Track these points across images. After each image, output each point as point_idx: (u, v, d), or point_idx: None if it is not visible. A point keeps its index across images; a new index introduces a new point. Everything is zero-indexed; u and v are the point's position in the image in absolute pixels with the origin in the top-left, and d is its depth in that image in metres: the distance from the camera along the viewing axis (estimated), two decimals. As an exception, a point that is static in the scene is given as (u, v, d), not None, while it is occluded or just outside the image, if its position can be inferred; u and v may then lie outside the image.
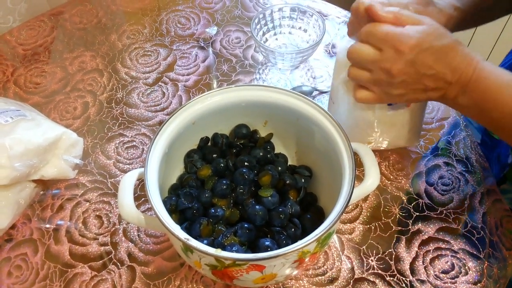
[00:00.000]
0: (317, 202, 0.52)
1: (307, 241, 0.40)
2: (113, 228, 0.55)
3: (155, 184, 0.45)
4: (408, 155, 0.61)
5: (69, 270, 0.52)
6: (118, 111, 0.67)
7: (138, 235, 0.54)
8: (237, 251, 0.44)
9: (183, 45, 0.76)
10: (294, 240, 0.46)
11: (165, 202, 0.47)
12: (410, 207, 0.56)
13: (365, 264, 0.51)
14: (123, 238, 0.54)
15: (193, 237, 0.41)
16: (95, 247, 0.53)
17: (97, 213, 0.56)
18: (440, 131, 0.63)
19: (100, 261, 0.52)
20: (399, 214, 0.55)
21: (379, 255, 0.52)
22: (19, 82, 0.71)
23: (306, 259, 0.44)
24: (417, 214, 0.55)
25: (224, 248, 0.44)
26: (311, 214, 0.50)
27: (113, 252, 0.53)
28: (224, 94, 0.51)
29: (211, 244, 0.46)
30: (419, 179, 0.58)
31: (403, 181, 0.58)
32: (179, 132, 0.50)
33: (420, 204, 0.56)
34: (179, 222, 0.49)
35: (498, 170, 0.62)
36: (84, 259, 0.52)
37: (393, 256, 0.52)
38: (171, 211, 0.48)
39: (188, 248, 0.43)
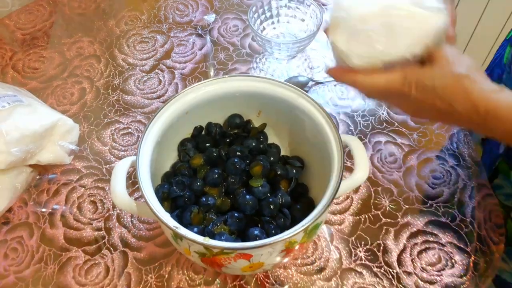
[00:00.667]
0: (308, 193, 0.53)
1: (294, 231, 0.41)
2: (107, 214, 0.56)
3: (146, 172, 0.46)
4: (401, 148, 0.61)
5: (63, 253, 0.53)
6: (115, 97, 0.67)
7: (131, 221, 0.55)
8: (225, 240, 0.45)
9: (181, 32, 0.76)
10: (283, 230, 0.47)
11: (157, 189, 0.48)
12: (401, 199, 0.56)
13: (353, 255, 0.52)
14: (117, 224, 0.55)
15: (184, 225, 0.42)
16: (89, 231, 0.55)
17: (92, 199, 0.57)
18: (434, 125, 0.63)
19: (94, 246, 0.53)
20: (389, 206, 0.56)
21: (367, 246, 0.53)
22: (18, 67, 0.71)
23: (294, 249, 0.45)
24: (407, 206, 0.56)
25: (213, 236, 0.45)
26: (301, 204, 0.51)
27: (107, 237, 0.54)
28: (218, 84, 0.51)
29: (201, 232, 0.47)
30: (410, 172, 0.59)
31: (394, 174, 0.59)
32: (172, 121, 0.51)
33: (411, 197, 0.56)
34: (171, 209, 0.50)
35: (491, 161, 0.62)
36: (78, 243, 0.54)
37: (381, 247, 0.52)
38: (163, 199, 0.49)
39: (177, 236, 0.44)
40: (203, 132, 0.56)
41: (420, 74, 0.38)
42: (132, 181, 0.59)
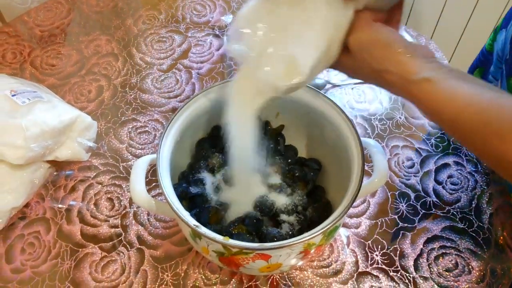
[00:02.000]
0: (325, 195, 0.53)
1: (313, 234, 0.41)
2: (124, 211, 0.56)
3: (166, 171, 0.46)
4: (418, 153, 0.61)
5: (80, 249, 0.53)
6: (132, 96, 0.68)
7: (148, 219, 0.56)
8: (244, 240, 0.45)
9: (198, 33, 0.76)
10: (301, 232, 0.47)
11: (175, 188, 0.48)
12: (418, 204, 0.56)
13: (369, 259, 0.52)
14: (133, 221, 0.55)
15: (201, 223, 0.42)
16: (105, 228, 0.55)
17: (109, 196, 0.58)
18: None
19: (110, 243, 0.54)
20: (406, 211, 0.56)
21: (384, 250, 0.52)
22: (36, 63, 0.72)
23: (312, 251, 0.45)
24: (424, 211, 0.55)
25: (231, 236, 0.45)
26: (318, 207, 0.50)
27: (123, 234, 0.54)
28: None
29: (219, 232, 0.46)
30: (428, 177, 0.58)
31: (412, 178, 0.58)
32: (192, 120, 0.51)
33: (428, 202, 0.56)
34: (189, 208, 0.50)
35: None
36: (94, 240, 0.54)
37: (398, 252, 0.52)
38: (181, 198, 0.49)
39: (196, 234, 0.44)
40: (220, 132, 0.56)
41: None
42: (149, 180, 0.59)
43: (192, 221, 0.42)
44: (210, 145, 0.54)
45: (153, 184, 0.58)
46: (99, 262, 0.52)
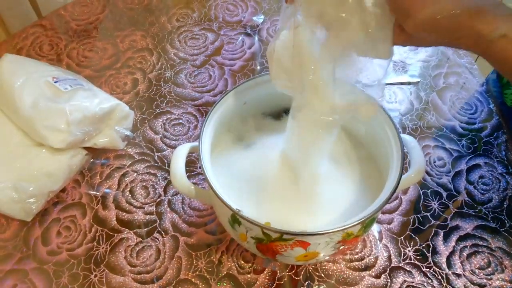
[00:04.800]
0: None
1: (353, 223, 0.41)
2: (159, 199, 0.57)
3: (207, 157, 0.47)
4: (449, 153, 0.61)
5: (115, 234, 0.54)
6: (166, 89, 0.69)
7: (182, 207, 0.56)
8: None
9: (230, 31, 0.78)
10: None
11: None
12: (450, 203, 0.56)
13: (402, 254, 0.52)
14: (168, 209, 0.56)
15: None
16: (140, 215, 0.56)
17: (144, 184, 0.59)
18: (482, 132, 0.63)
19: (145, 229, 0.55)
20: (438, 209, 0.56)
21: (417, 247, 0.53)
22: (72, 55, 0.74)
23: (350, 240, 0.45)
24: (456, 210, 0.56)
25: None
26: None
27: (158, 221, 0.55)
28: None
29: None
30: (459, 177, 0.59)
31: (443, 178, 0.59)
32: (231, 110, 0.52)
33: (460, 201, 0.57)
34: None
35: None
36: (130, 226, 0.55)
37: (430, 248, 0.53)
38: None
39: (236, 220, 0.45)
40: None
41: None
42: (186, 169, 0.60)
43: (235, 205, 0.42)
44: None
45: (187, 174, 0.59)
46: (134, 247, 0.53)
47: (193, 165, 0.60)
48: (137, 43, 0.76)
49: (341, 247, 0.46)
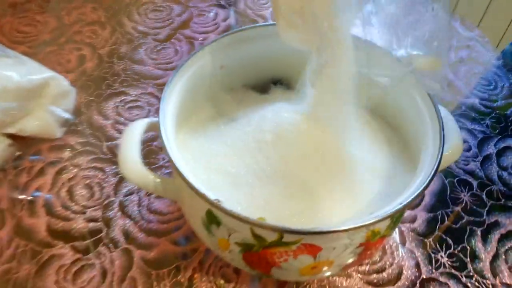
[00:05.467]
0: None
1: (381, 216, 0.29)
2: (107, 201, 0.43)
3: (172, 131, 0.34)
4: (473, 134, 0.50)
5: (44, 250, 0.39)
6: (121, 66, 0.55)
7: (139, 210, 0.42)
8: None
9: (201, 3, 0.65)
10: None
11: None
12: (483, 194, 0.45)
13: (433, 261, 0.40)
14: (119, 214, 0.42)
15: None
16: (81, 222, 0.41)
17: (87, 182, 0.44)
18: (508, 110, 0.53)
19: (87, 241, 0.40)
20: (470, 201, 0.44)
21: (450, 251, 0.40)
22: (4, 30, 0.59)
23: (373, 243, 0.32)
24: (493, 202, 0.44)
25: (261, 222, 0.33)
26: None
27: (105, 230, 0.41)
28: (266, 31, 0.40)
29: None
30: (490, 162, 0.47)
31: (471, 163, 0.47)
32: (203, 76, 0.39)
33: (494, 191, 0.45)
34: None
35: None
36: (66, 238, 0.40)
37: (468, 252, 0.40)
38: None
39: (213, 219, 0.31)
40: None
41: None
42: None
43: (212, 195, 0.29)
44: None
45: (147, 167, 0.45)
46: (70, 267, 0.38)
47: (154, 155, 0.46)
48: (87, 16, 0.62)
49: (362, 253, 0.33)
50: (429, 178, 0.30)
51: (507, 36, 1.09)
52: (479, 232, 0.42)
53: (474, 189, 0.45)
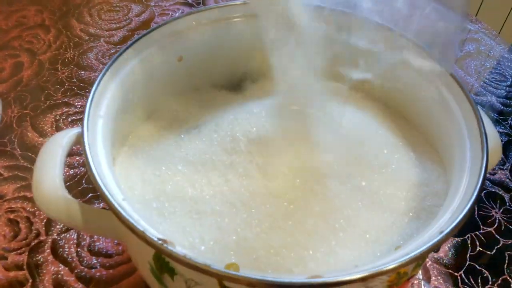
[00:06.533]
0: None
1: (414, 253, 0.19)
2: (36, 241, 0.32)
3: (101, 146, 0.24)
4: (494, 137, 0.42)
5: None
6: (65, 74, 0.46)
7: (78, 251, 0.32)
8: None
9: (164, 1, 0.57)
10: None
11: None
12: (518, 209, 0.36)
13: (469, 302, 0.30)
14: (50, 258, 0.31)
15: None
16: (0, 270, 0.30)
17: (12, 216, 0.34)
18: (530, 108, 0.45)
19: (5, 298, 0.29)
20: (504, 219, 0.35)
21: (489, 286, 0.31)
22: None
23: (400, 286, 0.23)
24: (531, 220, 0.35)
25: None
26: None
27: (31, 281, 0.30)
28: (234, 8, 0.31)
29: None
30: (519, 170, 0.39)
31: (498, 172, 0.38)
32: (151, 73, 0.30)
33: (531, 206, 0.36)
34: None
35: None
36: (-26, 296, 0.29)
37: (511, 287, 0.31)
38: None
39: (165, 266, 0.21)
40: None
41: None
42: (82, 188, 0.36)
43: (157, 234, 0.19)
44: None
45: (90, 194, 0.35)
46: None
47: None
48: (29, 19, 0.53)
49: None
50: (472, 202, 0.21)
51: (504, 31, 1.03)
52: (521, 259, 0.33)
53: (507, 203, 0.36)
